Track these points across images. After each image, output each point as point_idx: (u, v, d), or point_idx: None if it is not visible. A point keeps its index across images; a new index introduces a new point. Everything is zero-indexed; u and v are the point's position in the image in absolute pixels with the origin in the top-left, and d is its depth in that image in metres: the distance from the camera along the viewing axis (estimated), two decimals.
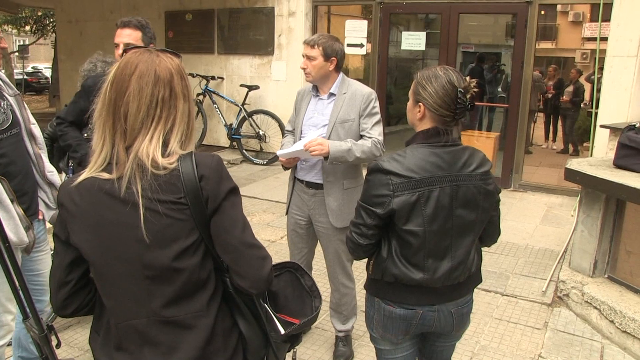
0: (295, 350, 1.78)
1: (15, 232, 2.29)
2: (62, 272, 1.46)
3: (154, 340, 1.43)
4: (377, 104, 2.98)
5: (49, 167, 2.62)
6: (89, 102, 2.72)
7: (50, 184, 2.62)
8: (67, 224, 1.41)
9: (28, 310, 1.77)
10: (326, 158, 2.78)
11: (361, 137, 2.93)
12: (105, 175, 1.37)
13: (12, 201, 2.29)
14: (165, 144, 1.39)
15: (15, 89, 2.52)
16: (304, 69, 2.97)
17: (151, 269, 1.38)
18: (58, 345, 1.86)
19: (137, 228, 1.34)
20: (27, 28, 19.72)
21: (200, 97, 8.68)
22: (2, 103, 2.37)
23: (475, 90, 1.91)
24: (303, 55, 2.96)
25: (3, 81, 2.43)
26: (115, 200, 1.36)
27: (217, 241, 1.43)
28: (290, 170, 3.15)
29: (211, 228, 1.42)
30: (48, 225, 2.65)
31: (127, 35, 2.89)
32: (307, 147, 2.76)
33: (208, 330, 1.45)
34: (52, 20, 17.77)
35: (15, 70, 20.30)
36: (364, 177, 1.98)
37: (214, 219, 1.41)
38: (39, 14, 18.16)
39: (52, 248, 1.52)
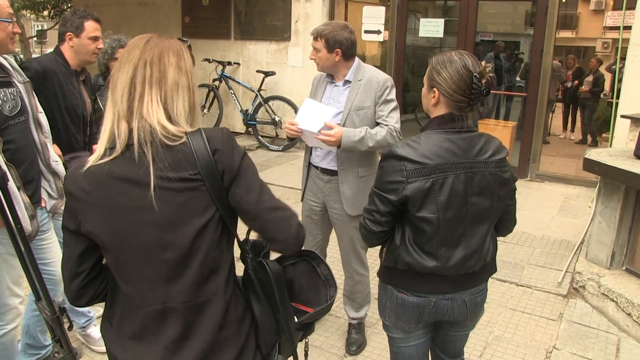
0: (307, 340, 1.78)
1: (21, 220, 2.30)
2: (74, 263, 1.45)
3: (169, 326, 1.43)
4: (394, 90, 2.92)
5: (54, 157, 2.62)
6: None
7: (54, 173, 2.63)
8: (77, 213, 1.39)
9: (40, 292, 1.78)
10: (338, 147, 2.76)
11: (377, 124, 2.89)
12: (112, 157, 1.35)
13: (18, 189, 2.28)
14: (167, 112, 1.38)
15: (25, 76, 2.51)
16: (313, 59, 2.94)
17: (168, 250, 1.37)
18: (70, 327, 1.88)
19: (152, 210, 1.33)
20: (45, 13, 19.83)
21: (216, 83, 8.68)
22: (12, 90, 2.37)
23: (490, 75, 1.87)
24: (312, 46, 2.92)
25: (13, 68, 2.43)
26: (127, 183, 1.34)
27: (240, 210, 1.45)
28: (304, 156, 3.13)
29: (230, 199, 1.42)
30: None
31: None
32: (320, 137, 2.74)
33: (221, 316, 1.45)
34: (69, 5, 17.83)
35: (33, 55, 20.47)
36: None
37: (231, 189, 1.41)
38: None
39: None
